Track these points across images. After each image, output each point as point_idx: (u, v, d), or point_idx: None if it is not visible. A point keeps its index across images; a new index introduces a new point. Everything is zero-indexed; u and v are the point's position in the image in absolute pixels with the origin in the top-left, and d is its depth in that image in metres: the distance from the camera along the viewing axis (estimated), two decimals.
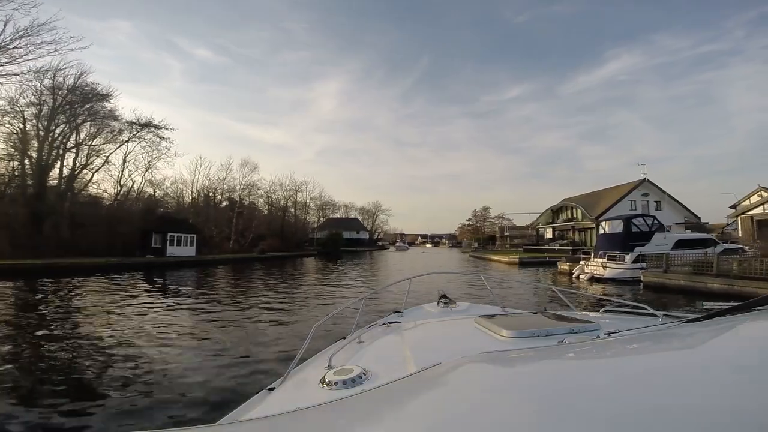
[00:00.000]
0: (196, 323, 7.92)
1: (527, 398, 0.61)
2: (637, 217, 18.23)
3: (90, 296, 11.40)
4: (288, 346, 5.88)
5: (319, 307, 9.92)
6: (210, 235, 37.22)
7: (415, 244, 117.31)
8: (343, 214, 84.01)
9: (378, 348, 1.64)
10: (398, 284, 3.20)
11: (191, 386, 4.33)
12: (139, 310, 8.98)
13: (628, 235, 17.23)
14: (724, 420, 0.46)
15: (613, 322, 1.68)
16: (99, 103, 29.25)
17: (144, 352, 5.65)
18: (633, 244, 16.84)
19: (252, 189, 50.18)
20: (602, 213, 30.85)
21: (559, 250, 32.33)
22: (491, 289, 3.27)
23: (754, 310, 1.13)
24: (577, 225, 35.11)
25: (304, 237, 56.38)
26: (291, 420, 0.75)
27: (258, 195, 51.79)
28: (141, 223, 30.10)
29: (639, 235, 17.26)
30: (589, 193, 38.04)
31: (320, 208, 75.18)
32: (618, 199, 31.69)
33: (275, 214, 50.42)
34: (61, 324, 7.59)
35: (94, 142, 30.09)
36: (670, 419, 0.47)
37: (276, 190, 51.93)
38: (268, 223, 44.08)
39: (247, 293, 12.91)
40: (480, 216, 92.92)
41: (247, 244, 38.75)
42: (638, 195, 32.40)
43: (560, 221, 39.18)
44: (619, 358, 0.93)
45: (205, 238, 35.92)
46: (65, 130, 27.54)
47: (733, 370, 0.66)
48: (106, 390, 4.26)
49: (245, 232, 39.63)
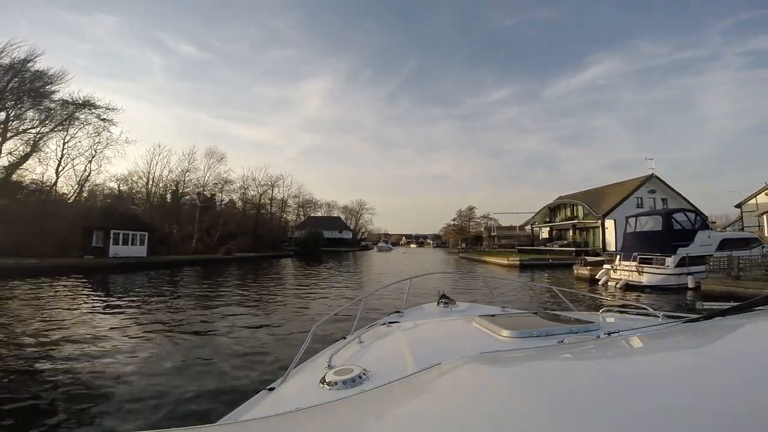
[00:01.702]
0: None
1: (527, 398, 0.60)
2: (678, 211, 15.17)
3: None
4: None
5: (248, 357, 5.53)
6: (170, 233, 32.58)
7: (400, 245, 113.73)
8: (326, 212, 79.77)
9: (378, 348, 1.61)
10: (398, 284, 3.09)
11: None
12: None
13: (669, 233, 14.14)
14: (724, 420, 0.46)
15: (613, 322, 1.75)
16: (39, 83, 24.38)
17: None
18: (676, 245, 13.79)
19: (225, 184, 45.86)
20: (609, 210, 28.19)
21: (560, 252, 29.46)
22: (491, 289, 3.39)
23: (754, 310, 1.14)
24: (578, 224, 32.37)
25: (281, 236, 52.10)
26: (291, 420, 0.73)
27: (231, 190, 47.43)
28: (81, 220, 25.39)
29: (681, 233, 14.21)
30: (590, 190, 35.45)
31: (301, 206, 71.02)
32: (626, 195, 29.09)
33: (248, 211, 45.88)
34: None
35: (24, 126, 25.10)
36: (670, 419, 0.47)
37: (249, 185, 47.37)
38: (239, 221, 39.53)
39: (172, 308, 8.98)
40: (465, 216, 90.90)
41: (213, 243, 34.27)
42: (645, 192, 29.95)
43: (558, 220, 36.39)
44: (619, 358, 0.93)
45: (163, 236, 31.30)
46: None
47: (734, 370, 0.66)
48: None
49: (212, 230, 35.12)
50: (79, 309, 8.97)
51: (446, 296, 2.70)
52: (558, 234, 36.48)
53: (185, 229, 34.14)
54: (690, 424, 0.45)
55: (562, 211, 36.97)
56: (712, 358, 0.78)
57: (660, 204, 30.51)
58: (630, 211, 29.56)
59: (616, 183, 32.92)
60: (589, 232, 31.87)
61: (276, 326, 7.48)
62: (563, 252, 29.28)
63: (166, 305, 9.83)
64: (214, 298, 11.17)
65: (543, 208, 39.74)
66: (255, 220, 43.40)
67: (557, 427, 0.48)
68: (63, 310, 8.77)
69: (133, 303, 9.98)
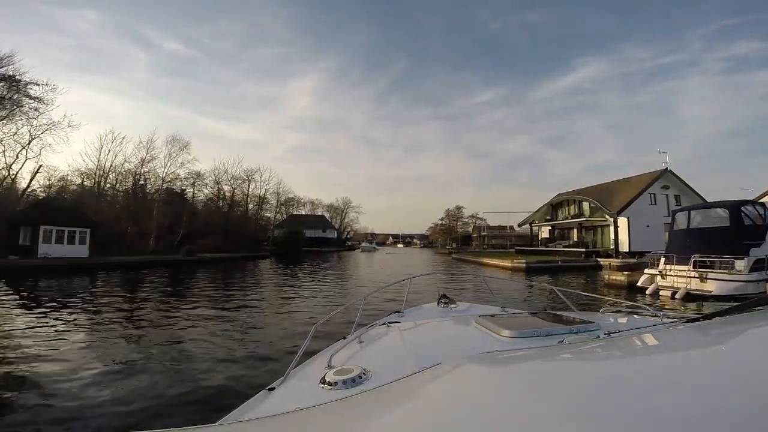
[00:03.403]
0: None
1: (527, 398, 0.61)
2: (747, 203, 12.18)
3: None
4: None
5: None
6: (125, 230, 28.18)
7: (387, 244, 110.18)
8: (310, 211, 75.59)
9: (378, 348, 1.61)
10: (398, 284, 3.17)
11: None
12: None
13: (738, 230, 11.15)
14: (724, 420, 0.46)
15: (613, 322, 1.74)
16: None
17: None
18: (748, 244, 10.81)
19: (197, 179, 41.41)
20: (623, 207, 25.49)
21: (566, 253, 26.60)
22: (491, 289, 3.44)
23: (754, 310, 1.13)
24: (585, 222, 29.61)
25: (260, 235, 47.90)
26: (291, 420, 0.73)
27: (204, 185, 42.99)
28: (4, 215, 20.98)
29: (751, 230, 11.26)
30: (596, 186, 32.81)
31: (283, 204, 66.73)
32: (641, 191, 26.48)
33: (221, 206, 41.54)
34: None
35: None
36: (670, 419, 0.47)
37: (222, 179, 42.97)
38: (207, 218, 35.20)
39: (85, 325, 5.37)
40: (453, 215, 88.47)
41: (177, 242, 29.99)
42: (657, 188, 27.45)
43: (562, 218, 33.59)
44: (620, 358, 0.92)
45: (117, 234, 26.93)
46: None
47: (733, 370, 0.66)
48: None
49: (175, 227, 30.83)
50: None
51: (446, 296, 2.69)
52: (560, 233, 33.73)
53: (147, 227, 29.75)
54: (690, 424, 0.45)
55: (565, 208, 34.20)
56: (713, 359, 0.77)
57: (673, 201, 28.07)
58: (643, 208, 27.03)
59: (623, 179, 30.35)
60: (597, 231, 29.17)
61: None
62: (570, 253, 26.43)
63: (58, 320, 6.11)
64: (136, 314, 7.45)
65: (543, 205, 36.91)
66: (226, 217, 38.98)
67: (557, 427, 0.48)
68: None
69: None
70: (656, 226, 26.90)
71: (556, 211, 35.27)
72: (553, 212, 35.80)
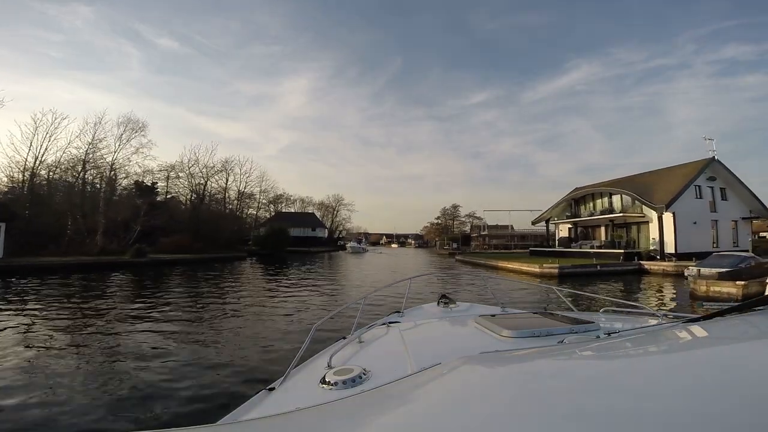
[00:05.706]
0: None
1: (527, 398, 0.61)
2: None
3: None
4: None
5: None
6: (64, 226, 23.12)
7: (381, 244, 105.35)
8: (300, 208, 70.69)
9: (378, 348, 1.59)
10: (398, 285, 3.13)
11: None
12: None
13: None
14: (725, 420, 0.46)
15: (613, 322, 1.72)
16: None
17: None
18: None
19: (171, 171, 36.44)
20: (672, 200, 21.36)
21: (600, 254, 22.36)
22: (491, 290, 3.54)
23: (754, 310, 1.13)
24: (616, 219, 25.38)
25: (241, 234, 42.99)
26: (291, 420, 0.72)
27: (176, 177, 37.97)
28: None
29: None
30: (626, 178, 28.67)
31: (272, 201, 61.73)
32: (688, 182, 22.37)
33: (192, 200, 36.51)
34: None
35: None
36: (669, 419, 0.47)
37: (192, 170, 37.87)
38: (170, 214, 30.12)
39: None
40: (450, 214, 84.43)
41: (131, 241, 24.99)
42: (703, 179, 23.43)
43: (586, 215, 29.37)
44: (619, 358, 0.92)
45: (52, 231, 21.90)
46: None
47: (733, 370, 0.66)
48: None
49: (132, 223, 25.80)
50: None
51: (446, 296, 2.67)
52: (583, 232, 29.53)
53: (95, 223, 24.69)
54: (690, 425, 0.45)
55: (589, 203, 30.00)
56: (712, 359, 0.77)
57: (719, 195, 24.15)
58: (688, 202, 22.89)
59: (664, 168, 26.19)
60: (631, 228, 25.00)
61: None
62: (604, 255, 22.21)
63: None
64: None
65: (561, 200, 32.67)
66: (195, 213, 33.92)
67: (557, 426, 0.48)
68: None
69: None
70: (703, 223, 22.89)
71: (578, 206, 31.07)
72: (573, 208, 31.60)
